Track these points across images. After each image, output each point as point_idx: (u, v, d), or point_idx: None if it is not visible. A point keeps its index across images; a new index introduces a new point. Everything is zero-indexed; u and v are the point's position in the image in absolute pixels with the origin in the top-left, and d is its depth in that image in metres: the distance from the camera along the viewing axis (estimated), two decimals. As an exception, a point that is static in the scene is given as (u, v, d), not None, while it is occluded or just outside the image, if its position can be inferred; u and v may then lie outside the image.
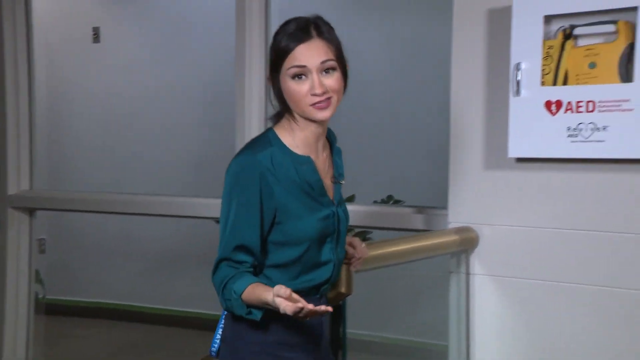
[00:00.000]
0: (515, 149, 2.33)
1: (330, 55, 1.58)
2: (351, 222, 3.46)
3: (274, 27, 3.30)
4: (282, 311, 1.42)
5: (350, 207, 3.30)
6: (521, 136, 2.31)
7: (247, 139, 3.14)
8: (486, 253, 2.46)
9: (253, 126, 3.25)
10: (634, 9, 2.10)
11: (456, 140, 2.52)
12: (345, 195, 3.99)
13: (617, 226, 2.26)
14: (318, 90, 1.56)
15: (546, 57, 2.26)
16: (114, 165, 5.24)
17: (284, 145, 1.61)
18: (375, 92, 4.51)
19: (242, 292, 1.51)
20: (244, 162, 1.58)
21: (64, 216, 5.00)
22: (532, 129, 2.28)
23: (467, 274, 2.50)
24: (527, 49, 2.26)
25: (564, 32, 2.24)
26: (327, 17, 1.65)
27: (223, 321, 1.69)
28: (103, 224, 5.13)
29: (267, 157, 1.58)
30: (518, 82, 2.28)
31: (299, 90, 1.57)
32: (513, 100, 2.31)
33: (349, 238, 1.78)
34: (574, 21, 2.22)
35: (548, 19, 2.25)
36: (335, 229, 1.65)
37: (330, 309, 1.44)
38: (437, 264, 2.59)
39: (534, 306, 2.40)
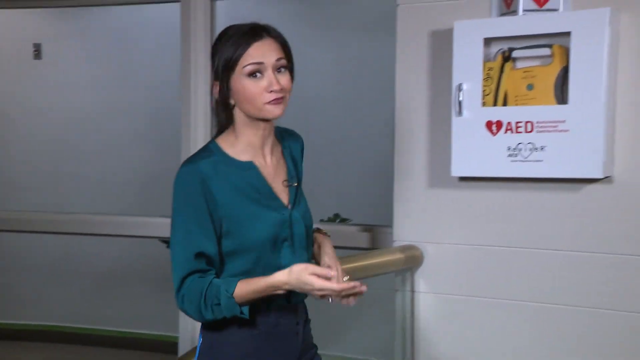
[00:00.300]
0: (458, 169, 2.37)
1: (283, 55, 1.60)
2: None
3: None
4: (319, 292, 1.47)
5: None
6: (463, 156, 2.35)
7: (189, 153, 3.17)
8: (430, 271, 2.49)
9: (199, 143, 3.22)
10: (568, 34, 2.17)
11: (400, 159, 2.55)
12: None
13: (557, 244, 2.32)
14: (276, 87, 1.57)
15: (486, 78, 2.31)
16: (56, 184, 5.10)
17: (226, 154, 1.61)
18: (322, 110, 4.53)
19: (234, 290, 1.51)
20: (185, 173, 1.57)
21: (2, 237, 4.84)
22: (474, 149, 2.33)
23: (412, 291, 2.52)
24: (468, 71, 2.31)
25: (503, 55, 2.30)
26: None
27: (201, 336, 1.65)
28: (43, 243, 4.98)
29: (208, 165, 1.57)
30: (460, 103, 2.33)
31: (255, 87, 1.57)
32: (455, 120, 2.35)
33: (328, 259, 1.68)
34: (512, 44, 2.29)
35: (488, 41, 2.31)
36: (289, 233, 1.62)
37: (364, 288, 1.47)
38: (383, 282, 2.60)
39: (477, 323, 2.43)
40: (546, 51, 2.23)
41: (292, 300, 1.63)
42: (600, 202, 2.25)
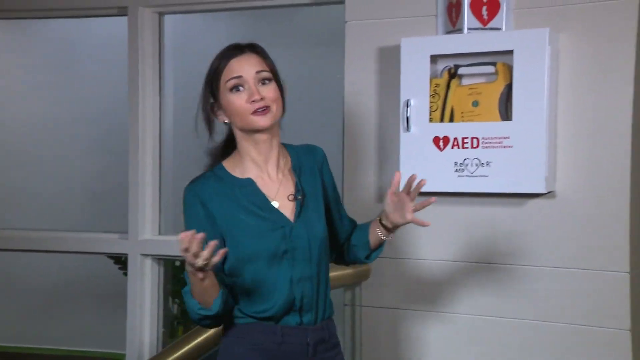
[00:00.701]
0: (406, 183, 2.38)
1: (265, 67, 1.68)
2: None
3: (168, 56, 3.31)
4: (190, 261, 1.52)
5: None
6: (411, 171, 2.33)
7: (141, 170, 3.15)
8: (379, 285, 2.50)
9: (147, 156, 3.18)
10: (511, 52, 2.22)
11: (349, 174, 2.56)
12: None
13: (501, 258, 2.36)
14: (256, 96, 1.65)
15: (433, 94, 2.34)
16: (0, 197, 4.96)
17: (227, 173, 1.71)
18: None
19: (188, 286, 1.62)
20: (187, 192, 1.70)
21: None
22: (421, 164, 2.35)
23: (361, 306, 2.52)
24: (415, 87, 2.34)
25: (449, 72, 2.34)
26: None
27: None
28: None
29: (207, 185, 1.68)
30: (408, 119, 2.35)
31: (236, 100, 1.66)
32: (403, 136, 2.38)
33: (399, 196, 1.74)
34: (458, 61, 2.33)
35: (434, 58, 2.34)
36: (290, 246, 1.67)
37: None
38: (332, 297, 2.60)
39: (423, 337, 2.45)
40: (490, 69, 2.28)
41: (303, 321, 1.69)
42: (543, 217, 2.30)
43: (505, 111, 2.27)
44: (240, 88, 1.67)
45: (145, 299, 3.17)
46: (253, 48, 1.71)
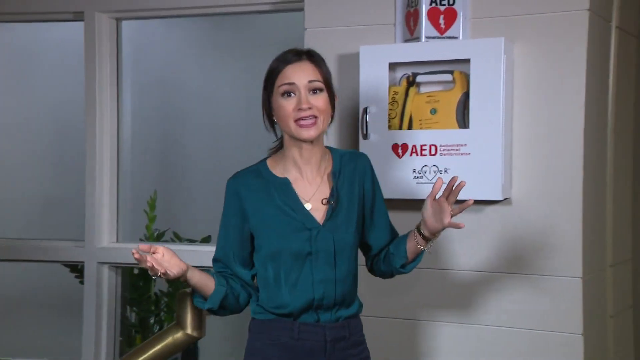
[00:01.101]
0: (365, 190, 2.39)
1: (318, 77, 1.75)
2: (208, 262, 3.39)
3: (126, 62, 3.27)
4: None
5: (206, 248, 3.28)
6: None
7: (98, 176, 3.11)
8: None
9: (104, 162, 3.14)
10: (467, 60, 2.25)
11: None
12: (201, 235, 3.92)
13: (458, 264, 2.38)
14: (304, 105, 1.71)
15: (392, 102, 2.36)
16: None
17: (268, 170, 1.81)
18: (232, 135, 4.50)
19: None
20: (228, 185, 1.81)
21: None
22: (381, 171, 2.34)
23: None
24: (374, 94, 2.36)
25: (407, 79, 2.36)
26: (182, 56, 1.68)
27: None
28: None
29: (246, 180, 1.79)
30: (367, 126, 2.36)
31: (286, 106, 1.73)
32: (362, 143, 2.38)
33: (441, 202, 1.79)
34: (416, 69, 2.35)
35: (393, 66, 2.36)
36: (313, 249, 1.74)
37: None
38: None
39: (379, 342, 2.45)
40: (448, 77, 2.31)
41: (320, 319, 1.76)
42: (499, 223, 2.33)
43: (463, 119, 2.29)
44: (291, 94, 1.74)
45: (102, 308, 3.12)
46: (310, 56, 1.77)
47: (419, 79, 2.35)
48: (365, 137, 2.37)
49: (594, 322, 2.36)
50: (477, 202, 2.33)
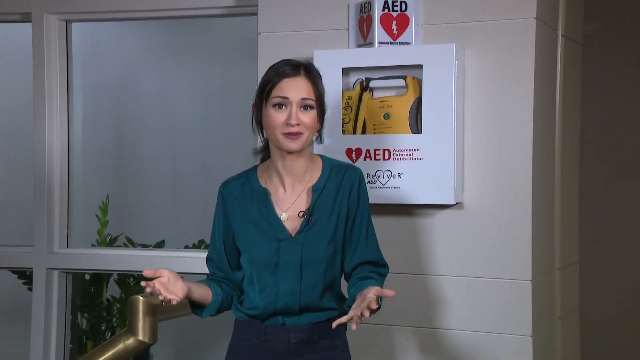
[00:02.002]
0: (319, 195, 2.39)
1: (312, 95, 1.80)
2: (162, 268, 3.35)
3: (77, 64, 3.20)
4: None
5: (160, 253, 3.23)
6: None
7: (48, 180, 3.03)
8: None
9: (54, 166, 3.08)
10: (420, 66, 2.27)
11: (263, 185, 2.54)
12: (154, 240, 3.87)
13: (411, 267, 2.40)
14: (293, 121, 1.76)
15: (346, 107, 2.37)
16: None
17: (255, 177, 1.87)
18: (188, 137, 4.46)
19: None
20: (219, 189, 1.89)
21: None
22: (334, 175, 2.36)
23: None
24: (328, 99, 2.34)
25: (361, 84, 2.37)
26: (137, 59, 1.65)
27: None
28: None
29: (233, 187, 1.87)
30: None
31: (276, 117, 1.78)
32: (317, 148, 2.38)
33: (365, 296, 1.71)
34: (370, 74, 2.36)
35: (346, 71, 2.37)
36: (279, 260, 1.80)
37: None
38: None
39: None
40: (401, 82, 2.33)
41: (285, 323, 1.83)
42: (451, 227, 2.35)
43: (416, 124, 2.31)
44: (283, 107, 1.78)
45: (51, 315, 3.05)
46: (307, 72, 1.81)
47: (372, 84, 2.36)
48: (320, 141, 2.37)
49: (542, 324, 2.41)
50: (429, 206, 2.36)
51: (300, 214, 1.83)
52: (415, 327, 2.40)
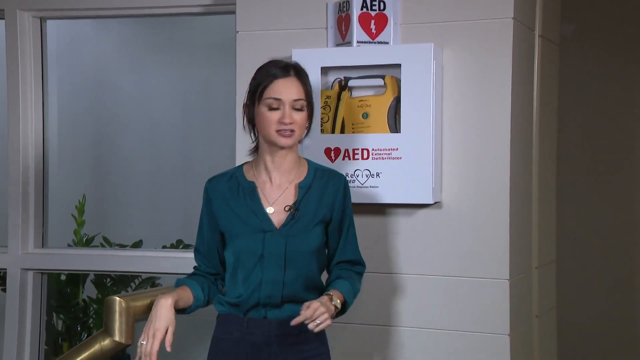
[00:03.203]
0: (298, 194, 2.38)
1: (302, 96, 1.89)
2: (139, 268, 3.31)
3: (52, 62, 3.15)
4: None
5: (138, 253, 3.21)
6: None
7: (23, 179, 3.00)
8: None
9: (29, 164, 3.04)
10: (398, 66, 2.27)
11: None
12: (131, 240, 3.83)
13: (390, 267, 2.40)
14: (287, 120, 1.86)
15: (325, 106, 2.36)
16: None
17: (242, 172, 1.96)
18: (166, 136, 4.43)
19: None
20: (205, 185, 1.96)
21: None
22: (313, 175, 2.36)
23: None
24: (306, 99, 2.35)
25: (339, 84, 2.37)
26: (115, 57, 1.63)
27: None
28: None
29: (218, 183, 1.94)
30: (299, 130, 2.35)
31: (270, 117, 1.87)
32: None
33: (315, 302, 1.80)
34: (348, 74, 2.36)
35: (325, 70, 2.37)
36: (265, 251, 1.87)
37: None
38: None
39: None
40: (379, 81, 2.33)
41: (267, 315, 1.89)
42: (430, 226, 2.36)
43: (394, 123, 2.31)
44: (277, 108, 1.87)
45: (25, 316, 3.01)
46: (297, 72, 1.91)
47: (351, 83, 2.36)
48: (299, 141, 2.36)
49: (520, 323, 2.42)
50: (408, 205, 2.36)
51: (287, 208, 1.90)
52: (392, 327, 2.40)
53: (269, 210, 1.91)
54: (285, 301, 1.89)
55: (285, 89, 1.87)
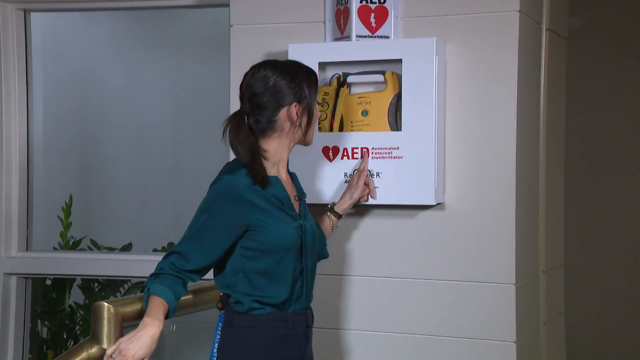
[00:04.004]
0: (295, 195, 2.39)
1: None
2: (128, 272, 3.33)
3: (37, 56, 3.15)
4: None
5: (128, 257, 3.21)
6: (301, 182, 2.37)
7: (6, 180, 3.00)
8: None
9: (12, 164, 3.04)
10: (399, 61, 2.28)
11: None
12: (120, 243, 3.85)
13: (391, 271, 2.41)
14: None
15: (322, 103, 2.37)
16: None
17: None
18: (157, 135, 4.43)
19: (153, 299, 1.85)
20: (227, 183, 1.90)
21: None
22: (310, 175, 2.37)
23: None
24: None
25: (338, 80, 2.38)
26: (101, 54, 1.64)
27: (219, 334, 1.96)
28: None
29: (243, 177, 1.91)
30: (296, 128, 2.36)
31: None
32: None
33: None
34: (347, 69, 2.37)
35: (322, 65, 2.37)
36: (302, 241, 1.96)
37: None
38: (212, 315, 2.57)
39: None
40: (379, 77, 2.33)
41: (303, 307, 1.99)
42: (432, 229, 2.37)
43: (395, 121, 2.32)
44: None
45: (8, 322, 3.01)
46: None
47: (349, 79, 2.37)
48: (294, 139, 2.37)
49: (527, 329, 2.43)
50: (409, 207, 2.37)
51: (296, 197, 2.04)
52: (394, 333, 2.41)
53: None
54: (311, 290, 2.05)
55: None
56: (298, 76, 1.96)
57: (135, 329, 1.82)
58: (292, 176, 2.09)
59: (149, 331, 1.79)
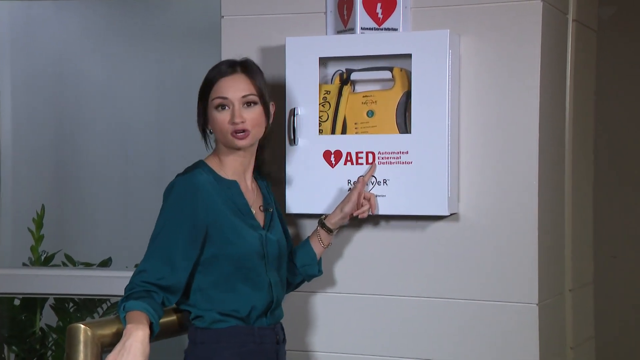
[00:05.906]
0: (293, 205, 2.40)
1: (253, 91, 2.06)
2: (107, 291, 3.34)
3: (6, 51, 3.17)
4: None
5: (106, 273, 3.22)
6: (299, 190, 2.40)
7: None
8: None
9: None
10: (409, 56, 2.30)
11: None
12: (99, 258, 3.86)
13: (400, 289, 2.42)
14: (237, 120, 2.03)
15: (323, 102, 2.39)
16: None
17: (213, 171, 2.07)
18: (140, 136, 4.45)
19: (129, 312, 1.89)
20: (181, 183, 2.00)
21: None
22: (310, 182, 2.38)
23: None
24: (303, 93, 2.38)
25: (340, 77, 2.40)
26: (78, 46, 1.67)
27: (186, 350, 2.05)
28: None
29: (202, 178, 2.01)
30: (294, 130, 2.38)
31: (220, 119, 2.04)
32: (289, 150, 2.40)
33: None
34: (351, 65, 2.39)
35: (324, 61, 2.39)
36: (264, 251, 2.05)
37: None
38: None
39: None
40: (387, 74, 2.35)
41: (271, 322, 2.08)
42: (445, 242, 2.38)
43: (404, 122, 2.34)
44: (225, 107, 2.04)
45: (-27, 348, 3.03)
46: (245, 68, 2.08)
47: (353, 76, 2.39)
48: (293, 142, 2.39)
49: (551, 355, 2.44)
50: (420, 218, 2.38)
51: (261, 208, 2.14)
52: (405, 359, 2.42)
53: (252, 210, 2.11)
54: (279, 304, 2.14)
55: (232, 86, 2.05)
56: (206, 75, 2.11)
57: (119, 342, 1.83)
58: (261, 185, 2.20)
59: (136, 336, 1.80)
